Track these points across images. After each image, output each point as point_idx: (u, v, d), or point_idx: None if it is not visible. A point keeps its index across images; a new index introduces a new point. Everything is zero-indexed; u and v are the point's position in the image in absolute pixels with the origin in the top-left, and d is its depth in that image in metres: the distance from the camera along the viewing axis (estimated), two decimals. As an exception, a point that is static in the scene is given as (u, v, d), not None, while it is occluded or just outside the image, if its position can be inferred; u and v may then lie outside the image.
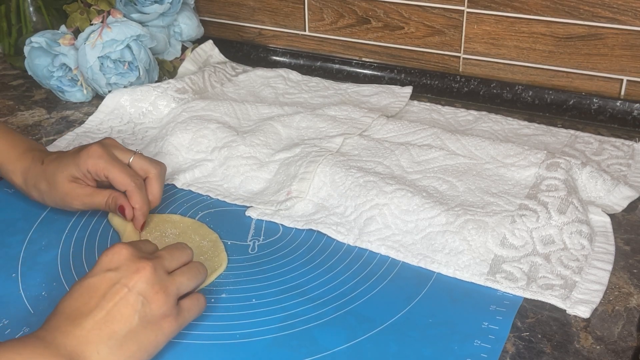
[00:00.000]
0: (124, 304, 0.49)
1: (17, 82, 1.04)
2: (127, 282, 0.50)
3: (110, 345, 0.48)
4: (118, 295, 0.49)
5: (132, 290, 0.49)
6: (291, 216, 0.70)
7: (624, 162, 0.77)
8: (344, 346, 0.53)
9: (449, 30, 0.95)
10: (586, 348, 0.53)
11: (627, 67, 0.87)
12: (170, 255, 0.54)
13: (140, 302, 0.49)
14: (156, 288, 0.50)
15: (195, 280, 0.55)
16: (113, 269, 0.50)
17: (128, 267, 0.50)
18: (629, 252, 0.64)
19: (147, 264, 0.51)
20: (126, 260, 0.51)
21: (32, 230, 0.68)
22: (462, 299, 0.58)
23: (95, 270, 0.51)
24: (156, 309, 0.50)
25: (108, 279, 0.50)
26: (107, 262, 0.51)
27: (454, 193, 0.70)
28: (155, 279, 0.51)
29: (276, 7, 1.07)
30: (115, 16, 0.92)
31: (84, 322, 0.48)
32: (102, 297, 0.49)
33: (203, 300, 0.55)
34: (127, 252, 0.52)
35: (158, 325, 0.50)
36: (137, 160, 0.67)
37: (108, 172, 0.65)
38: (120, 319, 0.48)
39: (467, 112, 0.89)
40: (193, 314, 0.54)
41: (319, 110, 0.87)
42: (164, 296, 0.51)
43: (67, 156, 0.67)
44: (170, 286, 0.52)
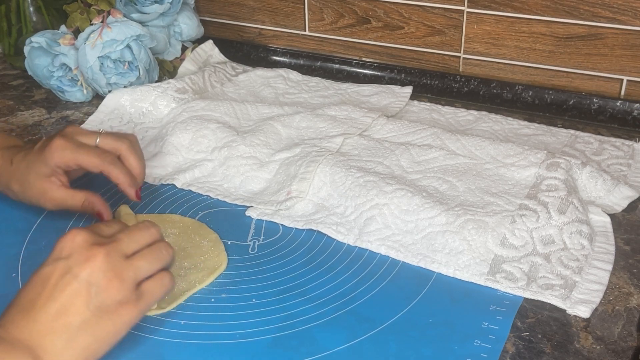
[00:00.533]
0: (76, 294, 0.47)
1: (17, 82, 1.04)
2: (78, 272, 0.48)
3: (64, 338, 0.46)
4: (69, 286, 0.47)
5: (83, 281, 0.48)
6: (291, 216, 0.70)
7: (624, 162, 0.77)
8: (344, 346, 0.53)
9: (449, 30, 0.95)
10: (586, 348, 0.53)
11: (627, 67, 0.87)
12: (129, 237, 0.52)
13: (93, 291, 0.48)
14: (109, 275, 0.48)
15: (158, 263, 0.52)
16: (64, 257, 0.49)
17: (79, 255, 0.49)
18: (629, 252, 0.64)
19: (99, 251, 0.49)
20: (78, 248, 0.49)
21: (32, 230, 0.68)
22: (462, 299, 0.58)
23: (49, 258, 0.50)
24: (111, 297, 0.48)
25: (59, 269, 0.48)
26: (59, 250, 0.50)
27: (454, 193, 0.70)
28: (108, 266, 0.48)
29: (276, 7, 1.07)
30: (115, 16, 0.92)
31: (37, 314, 0.47)
32: (54, 287, 0.47)
33: (168, 279, 0.52)
34: (81, 238, 0.49)
35: (116, 313, 0.48)
36: (103, 140, 0.65)
37: (77, 160, 0.63)
38: (73, 311, 0.47)
39: (467, 112, 0.89)
40: (156, 295, 0.51)
41: (319, 110, 0.87)
42: (118, 283, 0.48)
43: (32, 154, 0.65)
44: (125, 272, 0.49)
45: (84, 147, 0.64)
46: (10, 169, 0.66)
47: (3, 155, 0.67)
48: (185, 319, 0.56)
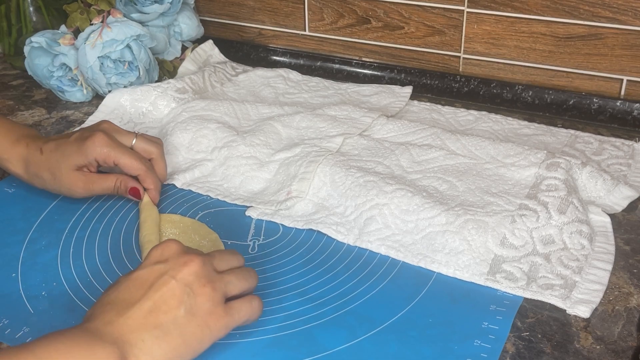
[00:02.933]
0: (170, 294, 0.48)
1: (17, 82, 1.04)
2: (175, 274, 0.49)
3: (155, 335, 0.47)
4: (165, 285, 0.49)
5: (179, 281, 0.49)
6: (291, 216, 0.70)
7: (624, 162, 0.77)
8: (344, 346, 0.53)
9: (449, 30, 0.95)
10: (586, 348, 0.53)
11: (627, 67, 0.87)
12: (220, 256, 0.54)
13: (187, 293, 0.49)
14: (203, 281, 0.50)
15: (245, 283, 0.53)
16: (162, 262, 0.50)
17: (177, 260, 0.50)
18: (629, 252, 0.64)
19: (196, 257, 0.51)
20: (175, 254, 0.51)
21: (32, 230, 0.68)
22: (462, 299, 0.58)
23: (144, 263, 0.51)
24: (202, 303, 0.49)
25: (156, 271, 0.50)
26: (156, 256, 0.51)
27: (454, 193, 0.70)
28: (203, 273, 0.50)
29: (276, 7, 1.07)
30: (115, 16, 0.92)
31: (129, 311, 0.48)
32: (149, 287, 0.49)
33: (257, 303, 0.53)
34: (177, 246, 0.52)
35: (204, 320, 0.49)
36: (139, 142, 0.70)
37: (118, 159, 0.67)
38: (166, 309, 0.48)
39: (467, 112, 0.89)
40: (244, 315, 0.52)
41: (319, 110, 0.87)
42: (210, 290, 0.50)
43: (68, 145, 0.67)
44: (217, 282, 0.51)
45: (125, 149, 0.68)
46: (40, 158, 0.67)
47: (29, 145, 0.69)
48: (185, 319, 0.56)
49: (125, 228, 0.69)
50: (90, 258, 0.64)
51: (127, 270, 0.62)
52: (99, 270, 0.63)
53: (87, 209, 0.71)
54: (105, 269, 0.63)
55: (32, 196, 0.73)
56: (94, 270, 0.63)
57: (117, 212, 0.71)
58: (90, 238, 0.67)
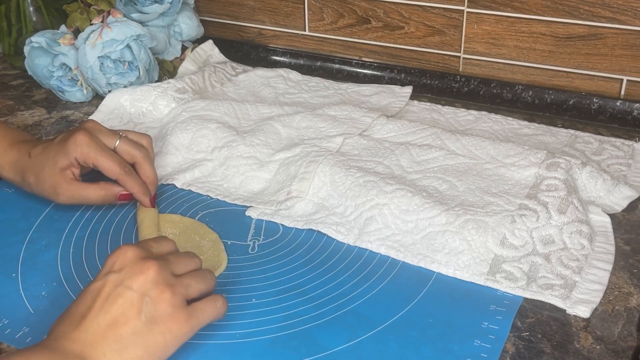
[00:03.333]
0: (128, 305, 0.47)
1: (17, 82, 1.04)
2: (131, 284, 0.48)
3: (115, 348, 0.46)
4: (121, 297, 0.48)
5: (136, 291, 0.48)
6: (291, 216, 0.70)
7: (624, 162, 0.77)
8: (344, 346, 0.53)
9: (449, 30, 0.95)
10: (586, 348, 0.53)
11: (627, 67, 0.87)
12: (177, 259, 0.53)
13: (145, 302, 0.48)
14: (161, 287, 0.49)
15: (204, 284, 0.53)
16: (116, 271, 0.49)
17: (132, 268, 0.49)
18: (629, 252, 0.64)
19: (153, 264, 0.49)
20: (130, 262, 0.50)
21: (32, 230, 0.68)
22: (462, 299, 0.58)
23: (99, 274, 0.50)
24: (162, 309, 0.48)
25: (111, 282, 0.49)
26: (110, 265, 0.50)
27: (454, 193, 0.70)
28: (161, 279, 0.49)
29: (276, 7, 1.07)
30: (115, 16, 0.92)
31: (88, 326, 0.47)
32: (105, 299, 0.48)
33: (222, 302, 0.52)
34: (132, 253, 0.50)
35: (166, 326, 0.48)
36: (122, 145, 0.68)
37: (96, 161, 0.65)
38: (124, 321, 0.47)
39: (467, 112, 0.89)
40: (209, 315, 0.51)
41: (319, 110, 0.87)
42: (170, 295, 0.49)
43: (52, 146, 0.67)
44: (177, 286, 0.50)
45: (106, 151, 0.66)
46: (28, 162, 0.67)
47: (20, 149, 0.69)
48: (185, 319, 0.56)
49: (125, 228, 0.69)
50: (90, 258, 0.64)
51: (127, 270, 0.62)
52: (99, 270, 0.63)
53: (87, 209, 0.71)
54: (105, 269, 0.63)
55: (32, 196, 0.73)
56: (94, 270, 0.63)
57: (117, 212, 0.71)
58: (90, 238, 0.67)
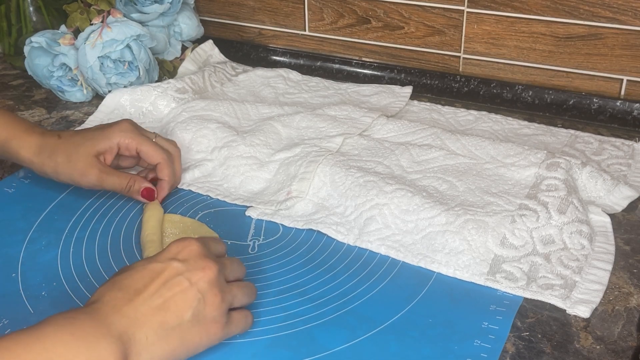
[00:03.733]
0: (183, 297, 0.49)
1: (17, 82, 1.04)
2: (191, 277, 0.50)
3: (158, 334, 0.48)
4: (179, 286, 0.49)
5: (194, 286, 0.49)
6: (291, 216, 0.70)
7: (624, 162, 0.77)
8: (344, 346, 0.53)
9: (449, 30, 0.95)
10: (586, 348, 0.53)
11: (627, 67, 0.87)
12: (231, 265, 0.55)
13: (198, 299, 0.49)
14: (215, 291, 0.50)
15: (248, 298, 0.55)
16: (181, 260, 0.51)
17: (195, 263, 0.51)
18: (629, 252, 0.64)
19: (214, 265, 0.51)
20: (195, 256, 0.51)
21: (32, 230, 0.68)
22: (462, 299, 0.58)
23: (162, 256, 0.51)
24: (209, 311, 0.50)
25: (173, 268, 0.50)
26: (175, 252, 0.51)
27: (454, 193, 0.70)
28: (217, 282, 0.51)
29: (276, 7, 1.07)
30: (115, 16, 0.92)
31: (139, 303, 0.48)
32: (163, 284, 0.49)
33: (251, 319, 0.55)
34: (198, 248, 0.52)
35: (206, 327, 0.50)
36: (160, 139, 0.71)
37: (141, 145, 0.68)
38: (174, 310, 0.48)
39: (467, 112, 0.89)
40: (239, 328, 0.53)
41: (319, 110, 0.87)
42: (220, 301, 0.50)
43: (90, 131, 0.69)
44: (227, 294, 0.52)
45: (147, 138, 0.69)
46: (58, 142, 0.68)
47: (44, 132, 0.69)
48: (185, 319, 0.56)
49: (125, 228, 0.69)
50: (90, 258, 0.64)
51: (127, 270, 0.62)
52: (99, 270, 0.63)
53: (87, 209, 0.71)
54: (105, 269, 0.63)
55: (32, 196, 0.73)
56: (94, 270, 0.63)
57: (117, 212, 0.71)
58: (90, 238, 0.67)
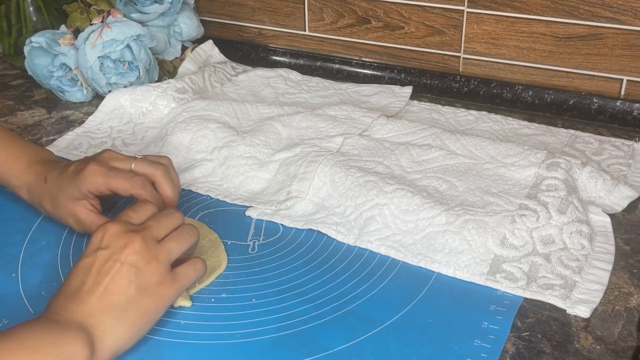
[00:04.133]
0: (119, 277, 0.51)
1: (17, 82, 1.04)
2: (119, 257, 0.52)
3: (113, 316, 0.50)
4: (112, 270, 0.51)
5: (124, 264, 0.52)
6: (291, 216, 0.70)
7: (624, 162, 0.77)
8: (344, 346, 0.53)
9: (449, 30, 0.95)
10: (586, 348, 0.53)
11: (627, 67, 0.87)
12: (158, 223, 0.56)
13: (134, 272, 0.52)
14: (147, 257, 0.52)
15: (186, 244, 0.56)
16: (104, 247, 0.53)
17: (117, 243, 0.53)
18: (629, 252, 0.64)
19: (135, 237, 0.53)
20: (115, 237, 0.53)
21: (32, 230, 0.68)
22: (462, 299, 0.58)
23: (87, 251, 0.53)
24: (150, 277, 0.52)
25: (101, 257, 0.52)
26: (96, 242, 0.53)
27: (454, 193, 0.70)
28: (145, 250, 0.53)
29: (276, 7, 1.07)
30: (115, 16, 0.92)
31: (85, 298, 0.50)
32: (98, 273, 0.51)
33: (201, 264, 0.57)
34: (115, 229, 0.54)
35: (155, 292, 0.52)
36: (138, 165, 0.64)
37: (108, 184, 0.63)
38: (118, 291, 0.51)
39: (467, 112, 0.89)
40: (190, 278, 0.55)
41: (319, 110, 0.87)
42: (155, 264, 0.53)
43: (66, 176, 0.65)
44: (160, 254, 0.53)
45: (115, 171, 0.63)
46: (43, 187, 0.66)
47: (38, 172, 0.67)
48: (185, 318, 0.56)
49: (125, 228, 0.69)
50: (90, 258, 0.64)
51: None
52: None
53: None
54: (105, 269, 0.63)
55: (32, 196, 0.73)
56: (94, 270, 0.63)
57: (117, 212, 0.71)
58: (90, 238, 0.67)
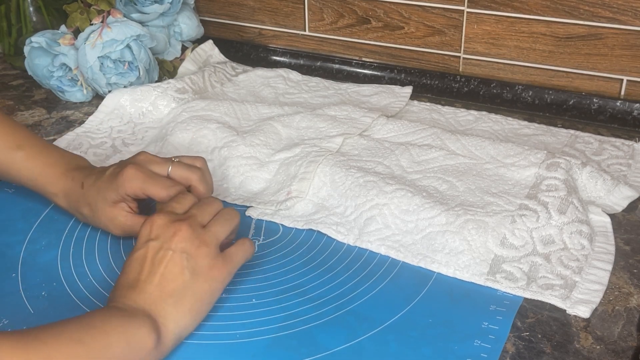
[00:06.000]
0: (172, 264, 0.54)
1: (17, 82, 1.04)
2: (169, 245, 0.54)
3: (171, 303, 0.53)
4: (165, 258, 0.54)
5: (176, 251, 0.54)
6: (291, 216, 0.70)
7: (624, 162, 0.77)
8: (344, 346, 0.53)
9: (449, 30, 0.95)
10: (586, 348, 0.53)
11: (627, 67, 0.87)
12: (201, 210, 0.58)
13: (185, 258, 0.54)
14: (196, 243, 0.55)
15: (229, 225, 0.58)
16: (154, 238, 0.55)
17: (166, 233, 0.55)
18: (629, 252, 0.64)
19: (182, 225, 0.55)
20: (163, 228, 0.55)
21: (32, 230, 0.68)
22: (462, 299, 0.58)
23: (138, 244, 0.56)
24: (201, 261, 0.54)
25: (152, 248, 0.54)
26: (146, 234, 0.56)
27: (454, 193, 0.70)
28: (193, 235, 0.55)
29: (276, 7, 1.07)
30: (115, 16, 0.92)
31: (144, 287, 0.53)
32: (152, 263, 0.54)
33: (249, 244, 0.59)
34: (162, 220, 0.56)
35: (208, 275, 0.54)
36: (175, 170, 0.65)
37: (145, 190, 0.63)
38: (172, 278, 0.53)
39: (467, 112, 0.89)
40: (240, 257, 0.58)
41: (319, 110, 0.87)
42: (205, 248, 0.55)
43: (104, 180, 0.65)
44: (207, 238, 0.56)
45: (153, 178, 0.63)
46: (80, 192, 0.66)
47: (74, 178, 0.67)
48: (185, 319, 0.56)
49: (125, 228, 0.69)
50: (90, 258, 0.64)
51: (127, 270, 0.63)
52: (99, 270, 0.63)
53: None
54: (105, 269, 0.63)
55: (32, 196, 0.73)
56: (94, 270, 0.63)
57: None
58: (90, 238, 0.67)
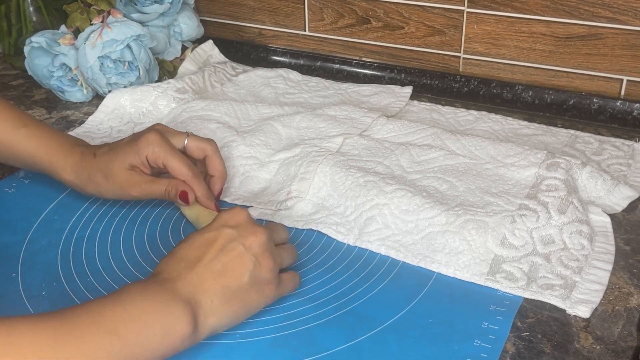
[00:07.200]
0: (239, 261, 0.52)
1: (17, 82, 1.04)
2: (244, 242, 0.53)
3: (221, 297, 0.51)
4: (235, 251, 0.53)
5: (248, 251, 0.53)
6: (291, 216, 0.70)
7: (624, 162, 0.77)
8: (344, 346, 0.53)
9: (449, 30, 0.95)
10: (586, 348, 0.53)
11: (627, 67, 0.87)
12: (278, 230, 0.59)
13: (253, 262, 0.53)
14: (267, 254, 0.54)
15: (292, 258, 0.59)
16: (232, 227, 0.54)
17: (246, 229, 0.54)
18: (629, 252, 0.64)
19: (264, 230, 0.55)
20: (244, 222, 0.55)
21: (32, 230, 0.68)
22: (462, 299, 0.58)
23: (214, 225, 0.55)
24: (264, 273, 0.54)
25: (227, 234, 0.53)
26: (226, 219, 0.55)
27: (454, 193, 0.70)
28: (268, 245, 0.54)
29: (276, 7, 1.07)
30: (115, 16, 0.92)
31: (201, 271, 0.51)
32: (220, 250, 0.53)
33: (298, 279, 0.59)
34: (246, 215, 0.55)
35: (262, 288, 0.54)
36: (191, 141, 0.68)
37: (167, 160, 0.66)
38: (233, 274, 0.52)
39: (467, 112, 0.89)
40: (290, 287, 0.58)
41: (319, 110, 0.87)
42: (272, 263, 0.54)
43: (121, 145, 0.67)
44: (277, 256, 0.55)
45: (175, 152, 0.66)
46: (93, 161, 0.67)
47: (82, 152, 0.69)
48: (185, 319, 0.56)
49: (126, 228, 0.69)
50: (90, 258, 0.64)
51: (127, 270, 0.63)
52: (99, 270, 0.63)
53: (87, 209, 0.71)
54: (105, 269, 0.63)
55: (32, 196, 0.73)
56: (94, 270, 0.63)
57: (118, 212, 0.71)
58: (90, 238, 0.67)
